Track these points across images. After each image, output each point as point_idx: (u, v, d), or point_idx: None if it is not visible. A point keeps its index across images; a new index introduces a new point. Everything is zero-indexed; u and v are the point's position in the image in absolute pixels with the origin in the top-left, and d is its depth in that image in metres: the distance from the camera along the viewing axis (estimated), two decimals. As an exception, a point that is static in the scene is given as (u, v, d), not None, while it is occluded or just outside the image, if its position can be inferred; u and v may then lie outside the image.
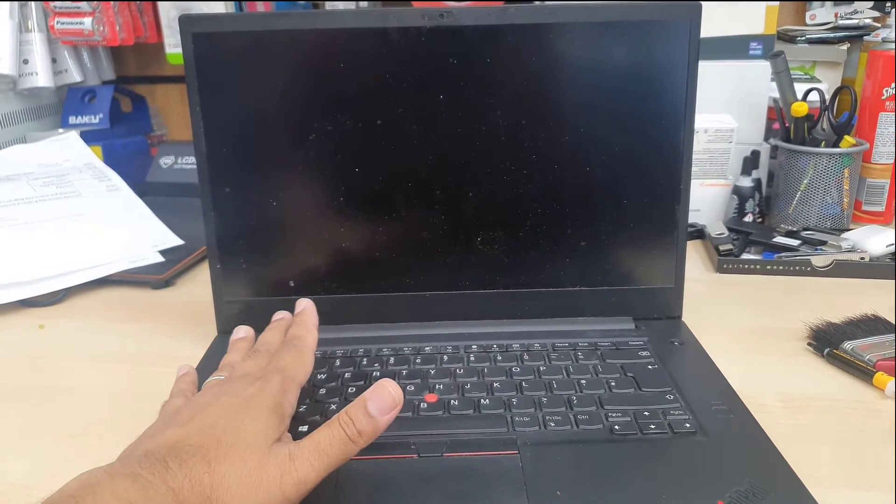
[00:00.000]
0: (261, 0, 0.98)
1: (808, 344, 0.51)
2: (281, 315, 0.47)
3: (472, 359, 0.48)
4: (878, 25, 0.86)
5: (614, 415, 0.41)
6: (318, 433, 0.33)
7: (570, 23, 0.49)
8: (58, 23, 0.87)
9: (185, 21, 0.48)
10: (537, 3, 0.76)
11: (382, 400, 0.34)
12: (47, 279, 0.63)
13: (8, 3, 0.85)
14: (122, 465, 0.30)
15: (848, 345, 0.48)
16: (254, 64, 0.49)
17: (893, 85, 0.75)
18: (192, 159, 0.90)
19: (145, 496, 0.28)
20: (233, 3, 0.95)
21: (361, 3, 1.00)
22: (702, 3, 0.48)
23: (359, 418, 0.33)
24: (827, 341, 0.50)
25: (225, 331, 0.53)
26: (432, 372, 0.47)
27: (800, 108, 0.72)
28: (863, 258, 0.64)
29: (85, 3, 0.86)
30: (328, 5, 1.01)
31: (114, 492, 0.28)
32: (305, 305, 0.46)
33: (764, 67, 0.77)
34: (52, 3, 0.87)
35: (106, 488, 0.28)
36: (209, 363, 0.49)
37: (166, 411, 0.38)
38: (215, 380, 0.40)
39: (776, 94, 0.75)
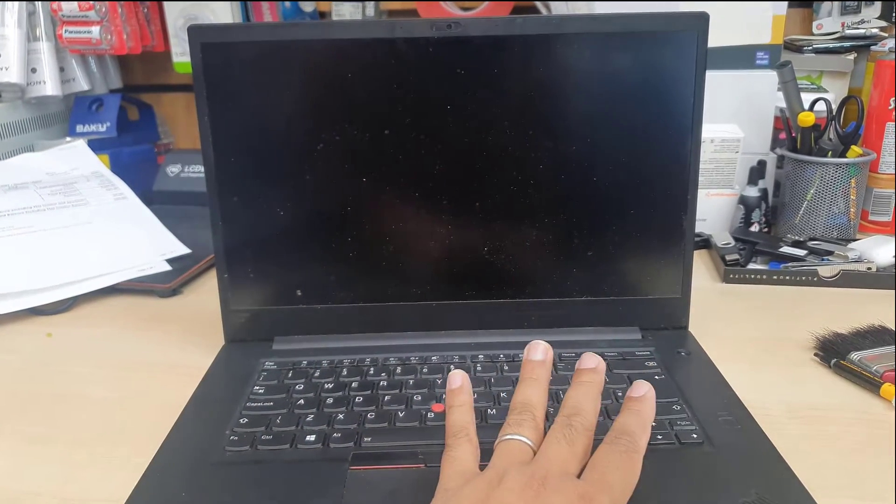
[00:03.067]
0: (266, 0, 0.98)
1: (815, 354, 0.51)
2: (593, 364, 0.37)
3: (479, 368, 0.48)
4: (885, 35, 0.86)
5: (621, 425, 0.41)
6: None
7: (578, 34, 0.49)
8: (66, 32, 0.88)
9: (194, 31, 0.48)
10: (544, 14, 0.76)
11: None
12: (55, 288, 0.64)
13: (16, 12, 0.85)
14: None
15: (855, 355, 0.48)
16: (262, 74, 0.49)
17: (900, 95, 0.75)
18: (199, 168, 0.91)
19: None
20: (238, 3, 0.96)
21: (368, 3, 1.00)
22: (708, 12, 0.49)
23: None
24: (834, 352, 0.50)
25: (233, 339, 0.53)
26: (439, 382, 0.47)
27: (807, 118, 0.72)
28: (869, 268, 0.64)
29: (93, 11, 0.87)
30: (334, 6, 1.01)
31: None
32: (647, 389, 0.35)
33: (770, 77, 0.77)
34: (60, 12, 0.87)
35: None
36: (217, 372, 0.50)
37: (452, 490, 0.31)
38: (517, 441, 0.33)
39: (783, 104, 0.75)
